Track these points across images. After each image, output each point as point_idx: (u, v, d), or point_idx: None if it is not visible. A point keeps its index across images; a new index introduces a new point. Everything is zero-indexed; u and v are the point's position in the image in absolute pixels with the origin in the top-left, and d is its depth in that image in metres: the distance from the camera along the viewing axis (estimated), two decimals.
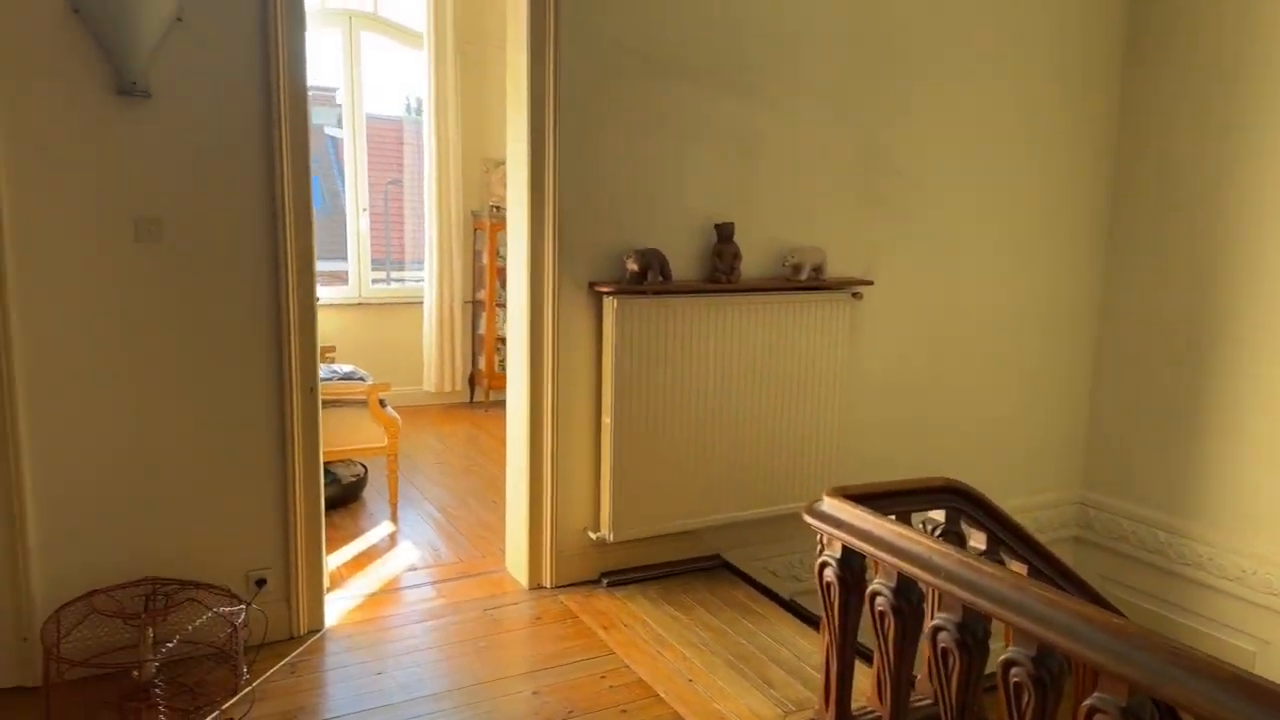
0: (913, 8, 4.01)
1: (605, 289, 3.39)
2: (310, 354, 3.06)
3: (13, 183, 2.59)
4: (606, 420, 3.45)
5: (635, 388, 3.44)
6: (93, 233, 2.71)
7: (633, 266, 3.37)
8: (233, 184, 2.86)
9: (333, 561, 3.73)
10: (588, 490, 3.56)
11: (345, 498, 4.50)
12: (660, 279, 3.42)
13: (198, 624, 2.73)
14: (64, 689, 2.60)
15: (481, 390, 6.55)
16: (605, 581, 3.59)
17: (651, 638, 3.19)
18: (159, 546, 2.89)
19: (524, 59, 3.28)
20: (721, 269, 3.57)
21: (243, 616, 2.74)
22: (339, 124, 6.20)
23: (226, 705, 2.66)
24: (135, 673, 2.63)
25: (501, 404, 6.47)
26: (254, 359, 2.97)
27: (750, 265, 3.71)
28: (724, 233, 3.56)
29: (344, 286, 6.30)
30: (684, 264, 3.61)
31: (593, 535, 3.55)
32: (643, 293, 3.40)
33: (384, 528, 4.25)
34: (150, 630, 2.66)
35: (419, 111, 6.54)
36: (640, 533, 3.57)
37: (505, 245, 6.32)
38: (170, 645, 2.67)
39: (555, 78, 3.26)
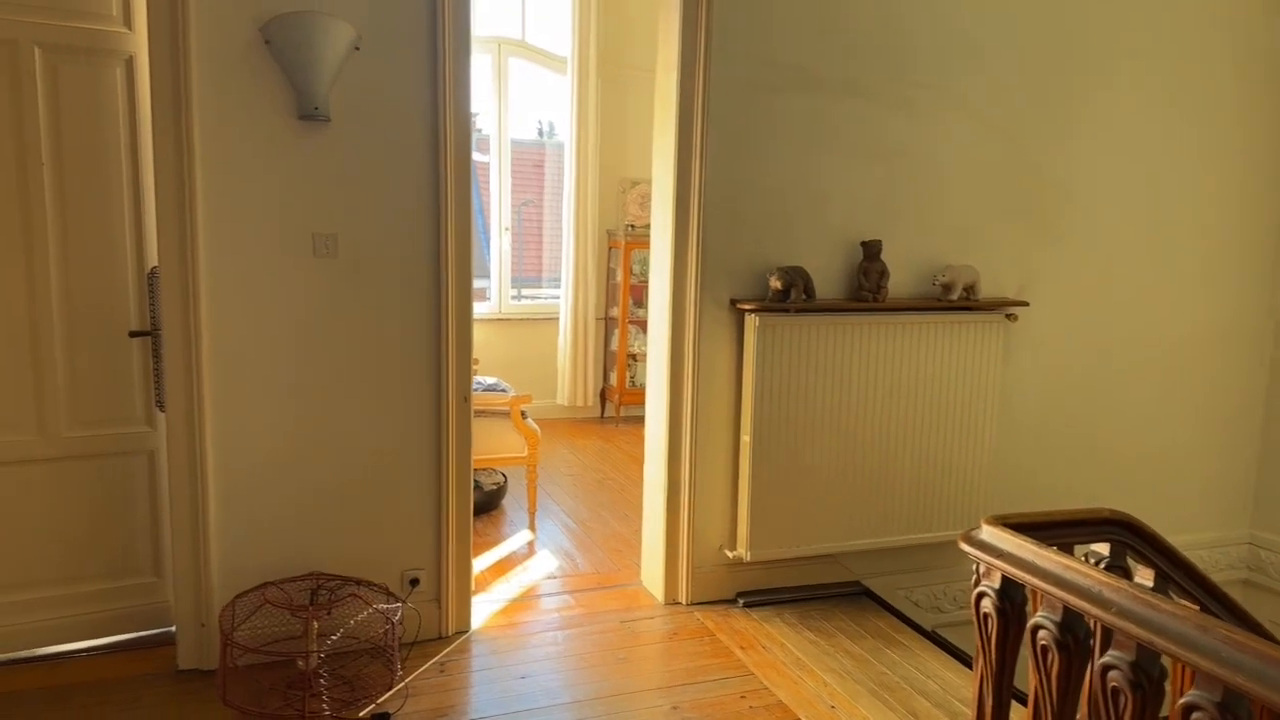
0: (1083, 20, 3.86)
1: (747, 306, 3.39)
2: (465, 366, 3.19)
3: (206, 200, 2.82)
4: (746, 438, 3.44)
5: (776, 406, 3.42)
6: (275, 248, 2.91)
7: (776, 284, 3.35)
8: (400, 204, 3.03)
9: (476, 566, 3.86)
10: (725, 508, 3.55)
11: (486, 505, 4.65)
12: (804, 297, 3.40)
13: (360, 619, 2.87)
14: (236, 673, 2.78)
15: (612, 406, 6.65)
16: (741, 601, 3.56)
17: (791, 661, 3.14)
18: (324, 544, 3.06)
19: (674, 77, 3.33)
20: (868, 287, 3.51)
21: (399, 614, 2.86)
22: (474, 148, 6.46)
23: (382, 699, 2.79)
24: (300, 662, 2.78)
25: (632, 420, 6.57)
26: (415, 369, 3.11)
27: (897, 284, 3.63)
28: (871, 250, 3.51)
29: (485, 303, 6.54)
30: (827, 282, 3.58)
31: (729, 554, 3.54)
32: (786, 310, 3.38)
33: (523, 535, 4.36)
34: (315, 623, 2.81)
35: (550, 134, 6.74)
36: (778, 554, 3.53)
37: (640, 263, 6.47)
38: (334, 639, 2.82)
39: (704, 94, 3.30)
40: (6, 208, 2.82)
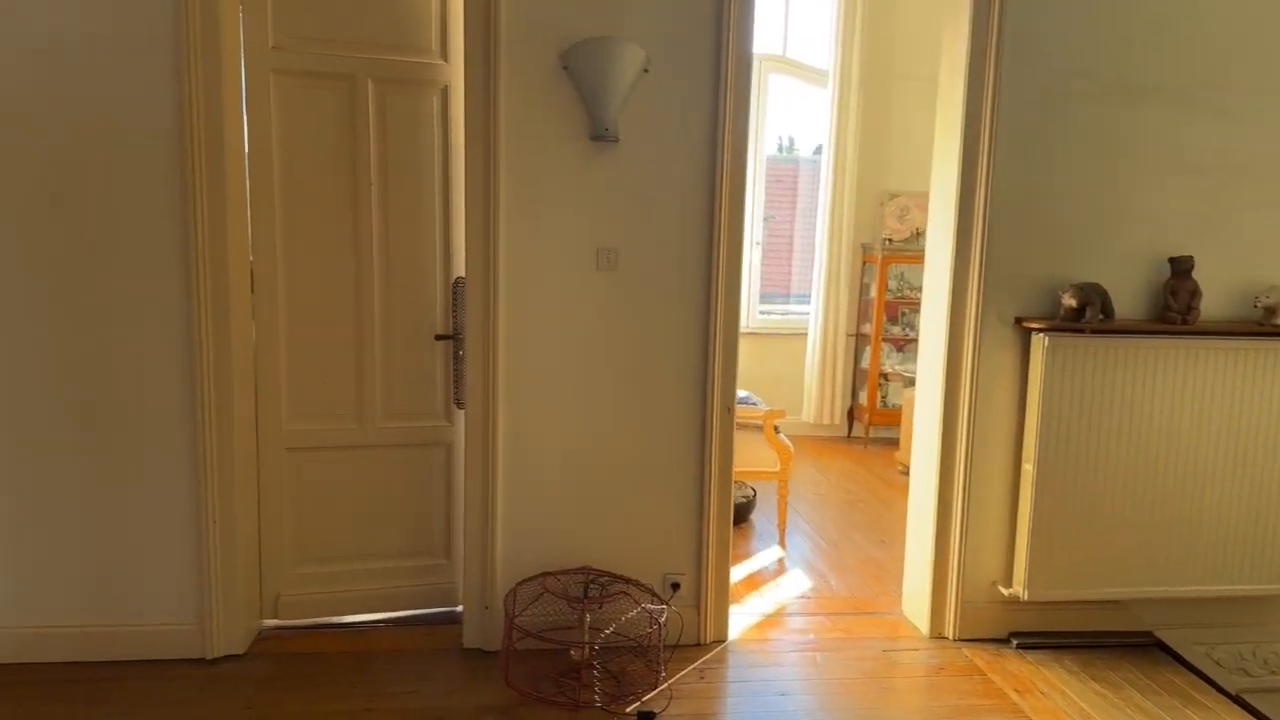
0: None
1: (1035, 325, 3.17)
2: (730, 377, 3.22)
3: (508, 216, 3.04)
4: (1028, 468, 3.22)
5: (1064, 434, 3.17)
6: (563, 261, 3.09)
7: (1070, 302, 3.11)
8: (676, 220, 3.12)
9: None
10: (1000, 541, 3.33)
11: (736, 518, 4.66)
12: (1101, 316, 3.13)
13: (630, 616, 2.98)
14: (515, 656, 2.97)
15: (861, 426, 6.47)
16: (1015, 642, 3.33)
17: (1076, 712, 2.89)
18: (594, 540, 3.20)
19: (959, 83, 3.19)
20: (1176, 308, 3.17)
21: (664, 616, 2.94)
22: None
23: (647, 698, 2.87)
24: (573, 652, 2.92)
25: (881, 441, 6.37)
26: (683, 379, 3.19)
27: (1209, 305, 3.26)
28: (1181, 267, 3.17)
29: None
30: (1125, 301, 3.27)
31: (1003, 591, 3.32)
32: (1080, 331, 3.13)
33: (772, 551, 4.34)
34: (588, 615, 2.94)
35: (790, 149, 6.69)
36: (1058, 595, 3.27)
37: (896, 278, 6.26)
38: (607, 633, 2.94)
39: (993, 101, 3.13)
40: (342, 224, 3.20)
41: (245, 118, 3.04)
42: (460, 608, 3.38)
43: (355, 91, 3.16)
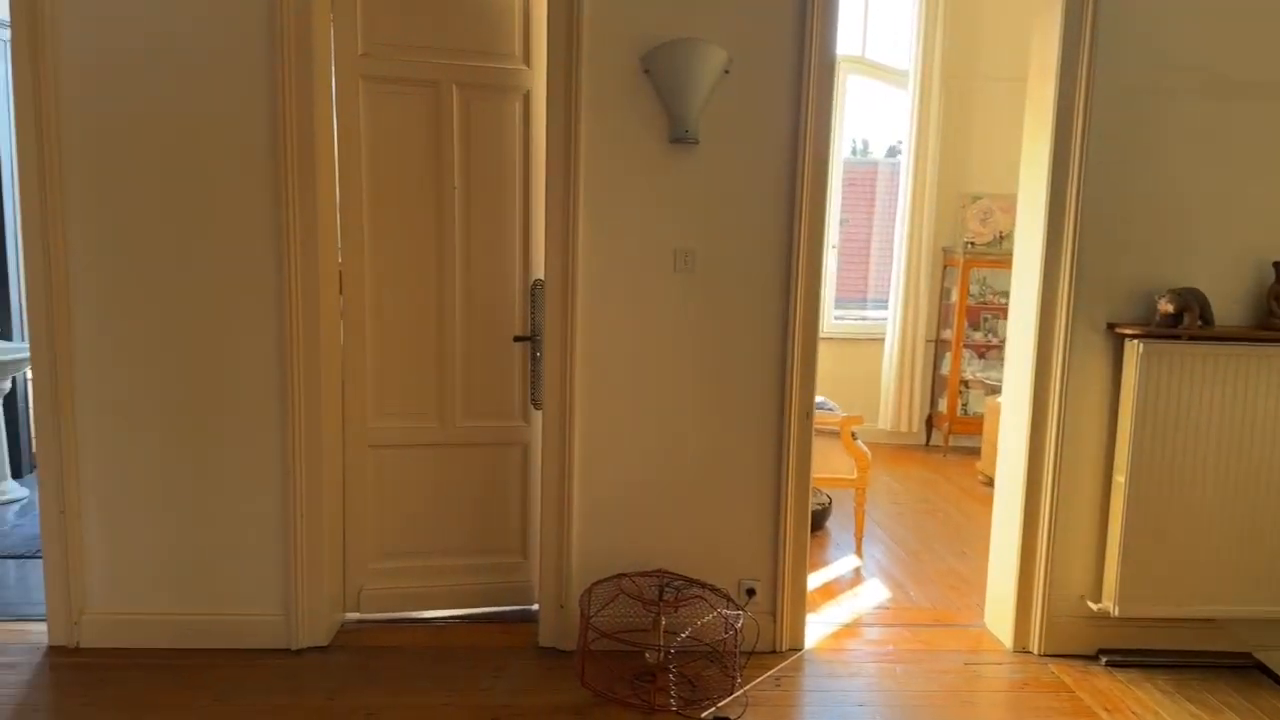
0: None
1: (1129, 331, 3.05)
2: (809, 382, 3.18)
3: (587, 219, 3.06)
4: (1119, 479, 3.10)
5: (1158, 444, 3.05)
6: (640, 263, 3.10)
7: (1167, 307, 2.99)
8: (755, 222, 3.10)
9: None
10: (1089, 554, 3.22)
11: (811, 526, 4.61)
12: (1200, 323, 3.00)
13: (706, 620, 2.96)
14: (590, 656, 2.98)
15: (940, 434, 6.33)
16: (1104, 659, 3.21)
17: None
18: (669, 543, 3.20)
19: (1050, 82, 3.10)
20: None
21: (740, 621, 2.91)
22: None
23: (723, 703, 2.85)
24: (648, 655, 2.92)
25: (961, 450, 6.22)
26: (760, 382, 3.16)
27: None
28: None
29: None
30: (1224, 307, 3.13)
31: (1092, 605, 3.20)
32: (1177, 338, 3.01)
33: (849, 560, 4.27)
34: (663, 618, 2.94)
35: (864, 152, 6.58)
36: (1151, 611, 3.14)
37: (978, 283, 6.11)
38: (683, 636, 2.93)
39: (1086, 100, 3.03)
40: (426, 227, 3.27)
41: (335, 124, 3.13)
42: (536, 606, 3.41)
43: (440, 97, 3.22)
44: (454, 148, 3.25)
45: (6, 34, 4.87)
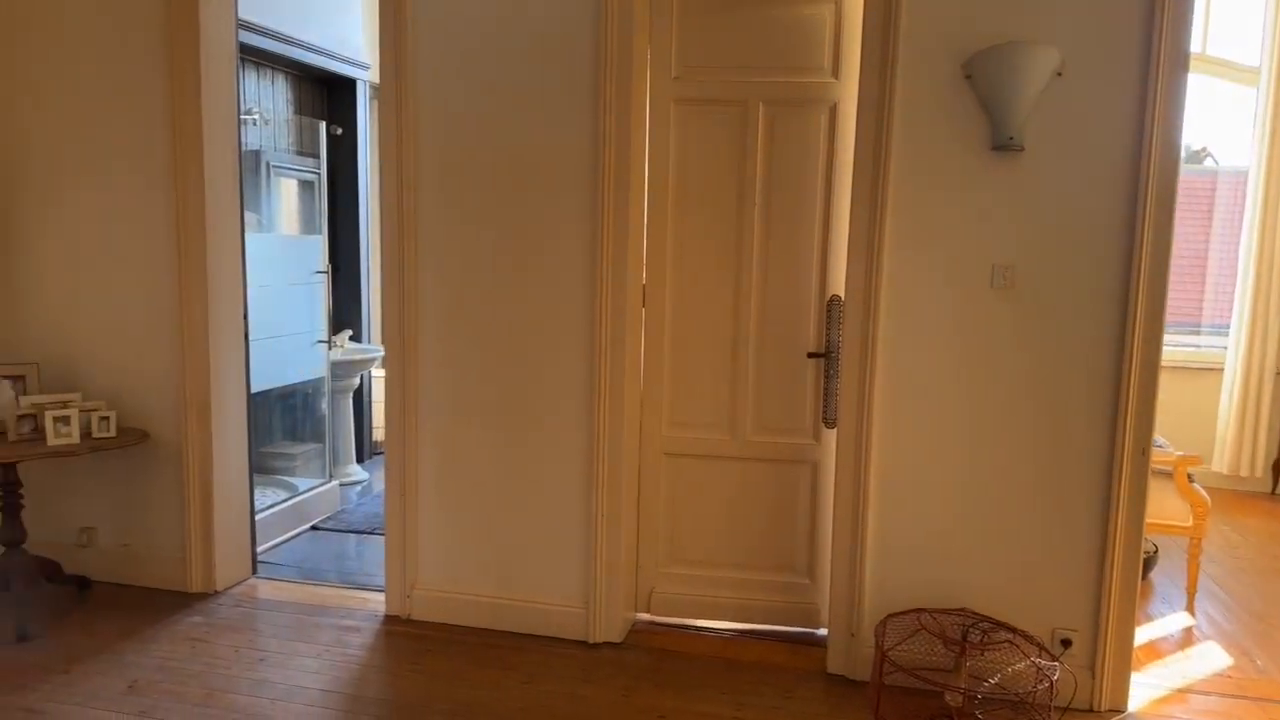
0: None
1: None
2: (1148, 414, 2.85)
3: (893, 232, 2.95)
4: None
5: None
6: (950, 278, 2.93)
7: None
8: (1086, 236, 2.82)
9: None
10: None
11: None
12: None
13: (1016, 668, 2.73)
14: (882, 691, 2.84)
15: None
16: None
17: None
18: (973, 580, 2.99)
19: None
20: None
21: (1057, 674, 2.65)
22: None
23: None
24: (949, 697, 2.74)
25: None
26: (1089, 412, 2.88)
27: None
28: None
29: None
30: None
31: None
32: None
33: (1178, 617, 3.76)
34: (965, 660, 2.75)
35: (1200, 157, 5.79)
36: None
37: None
38: (991, 682, 2.73)
39: None
40: (724, 243, 3.32)
41: (647, 146, 3.28)
42: (823, 631, 3.33)
43: (746, 115, 3.26)
44: (756, 163, 3.28)
45: (364, 87, 5.63)
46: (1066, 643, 2.93)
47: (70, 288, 3.65)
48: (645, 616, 3.49)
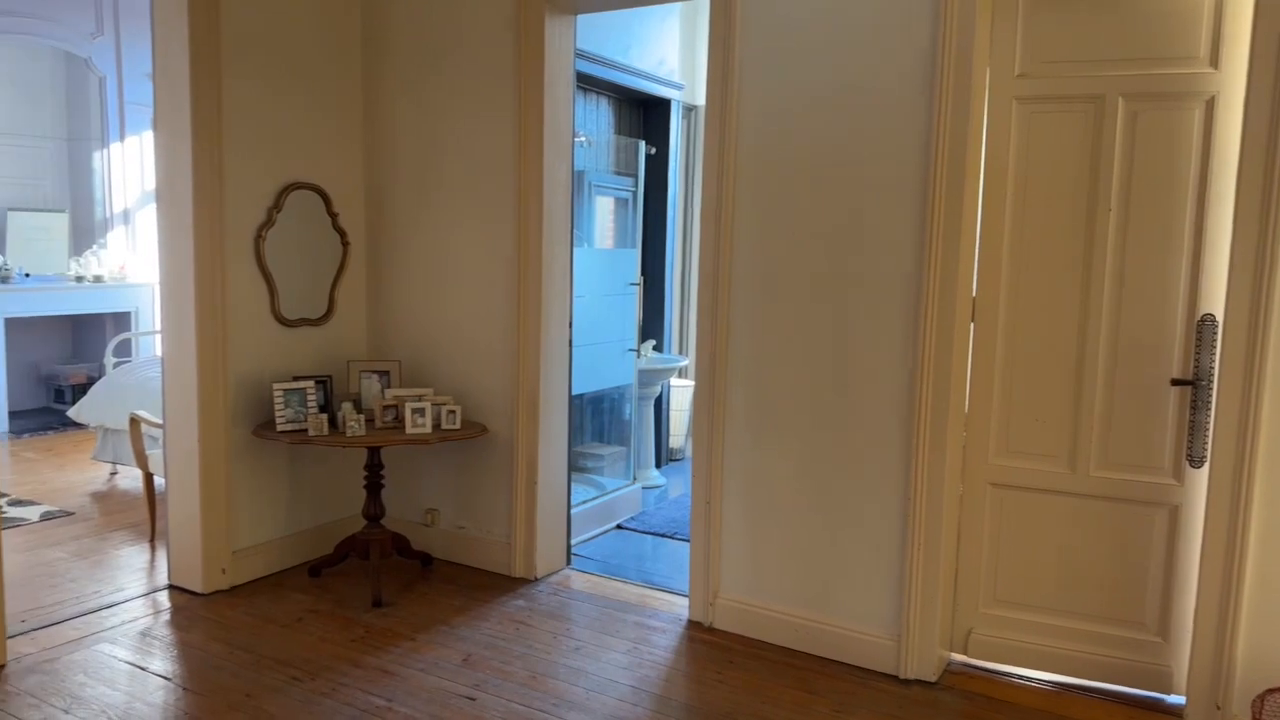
0: None
1: None
2: None
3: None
4: None
5: None
6: None
7: None
8: None
9: None
10: None
11: None
12: None
13: None
14: None
15: None
16: None
17: None
18: None
19: None
20: None
21: None
22: None
23: None
24: None
25: None
26: None
27: None
28: None
29: None
30: None
31: None
32: None
33: None
34: None
35: None
36: None
37: None
38: None
39: None
40: (1071, 255, 3.00)
41: (983, 150, 3.06)
42: (1175, 698, 2.91)
43: (1102, 112, 2.94)
44: (1113, 165, 2.93)
45: (677, 106, 5.81)
46: None
47: (425, 297, 4.10)
48: (960, 657, 3.24)
